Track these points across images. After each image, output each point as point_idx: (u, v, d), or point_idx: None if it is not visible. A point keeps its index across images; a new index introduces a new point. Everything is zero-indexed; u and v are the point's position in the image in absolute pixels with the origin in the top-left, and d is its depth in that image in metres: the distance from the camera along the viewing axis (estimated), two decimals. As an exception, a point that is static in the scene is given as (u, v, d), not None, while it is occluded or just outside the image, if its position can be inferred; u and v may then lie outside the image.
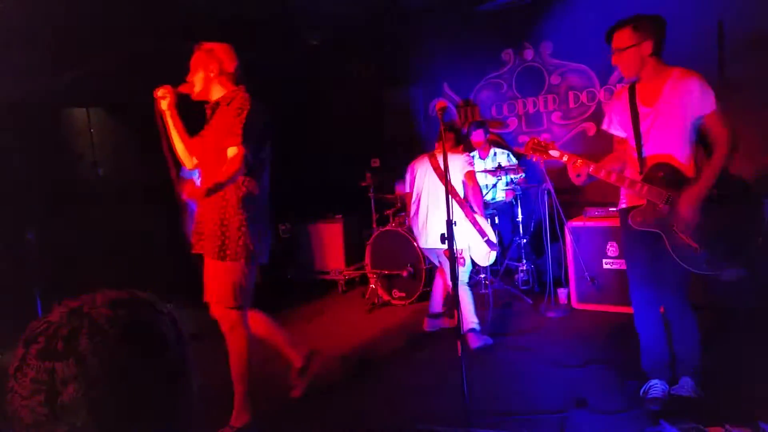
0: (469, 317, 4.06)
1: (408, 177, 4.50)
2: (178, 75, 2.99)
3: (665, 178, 2.76)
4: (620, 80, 5.72)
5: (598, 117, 5.90)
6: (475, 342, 3.97)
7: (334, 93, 7.61)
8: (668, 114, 2.78)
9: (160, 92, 2.89)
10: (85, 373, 0.72)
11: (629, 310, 4.33)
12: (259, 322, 3.15)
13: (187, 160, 3.04)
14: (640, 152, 2.87)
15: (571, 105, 6.05)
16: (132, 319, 0.79)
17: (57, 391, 0.71)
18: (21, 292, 4.65)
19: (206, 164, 2.96)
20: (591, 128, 5.96)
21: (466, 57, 6.33)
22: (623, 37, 2.84)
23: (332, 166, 7.54)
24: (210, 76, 2.92)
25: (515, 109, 6.41)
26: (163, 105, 2.90)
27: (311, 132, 7.62)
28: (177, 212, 5.48)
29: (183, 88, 2.93)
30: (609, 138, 3.21)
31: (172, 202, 4.12)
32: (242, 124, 2.76)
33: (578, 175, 2.91)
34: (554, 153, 3.00)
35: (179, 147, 2.99)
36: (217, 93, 2.94)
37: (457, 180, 4.17)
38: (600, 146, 5.82)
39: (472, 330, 4.03)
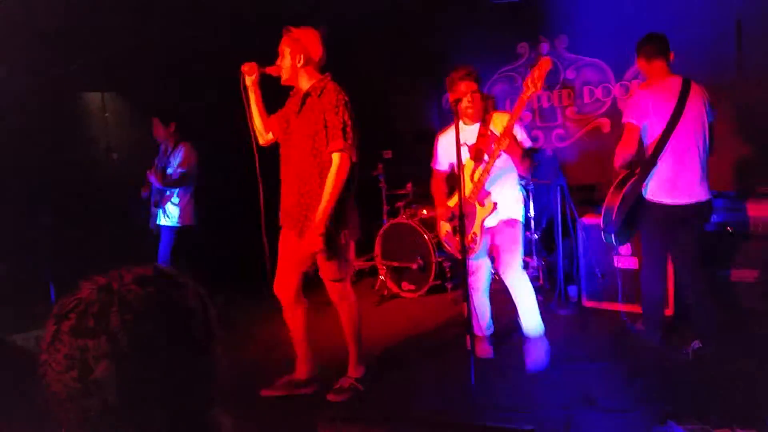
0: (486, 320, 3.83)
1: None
2: (188, 58, 3.05)
3: None
4: (636, 76, 5.66)
5: (613, 113, 5.84)
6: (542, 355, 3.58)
7: (344, 83, 7.59)
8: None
9: (246, 68, 3.03)
10: (116, 351, 0.74)
11: (638, 309, 4.37)
12: (300, 315, 3.42)
13: (261, 136, 3.24)
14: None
15: (586, 100, 5.99)
16: (160, 297, 0.81)
17: (90, 367, 0.74)
18: (35, 275, 4.71)
19: (290, 149, 3.16)
20: (606, 124, 5.90)
21: (481, 49, 6.27)
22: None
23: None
24: (297, 66, 3.05)
25: (529, 103, 6.36)
26: (248, 81, 3.08)
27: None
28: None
29: (270, 70, 3.07)
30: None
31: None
32: (342, 125, 2.97)
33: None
34: None
35: (257, 122, 3.20)
36: (304, 82, 3.10)
37: None
38: (615, 143, 5.78)
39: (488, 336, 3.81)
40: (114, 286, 0.79)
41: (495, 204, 3.35)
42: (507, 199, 3.45)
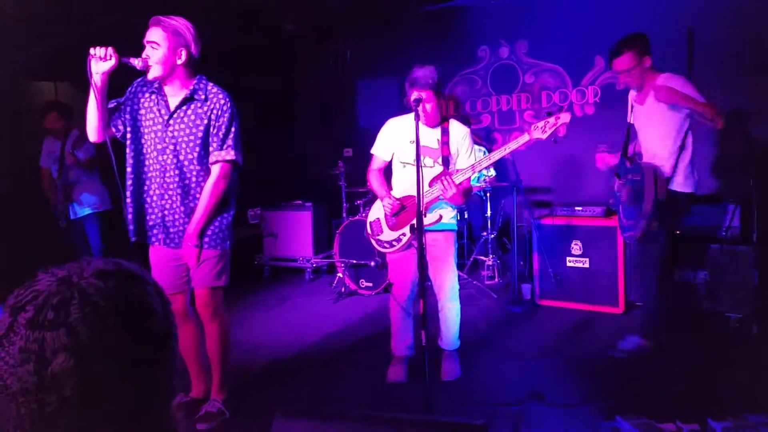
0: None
1: None
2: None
3: None
4: (592, 82, 5.82)
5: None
6: (457, 366, 3.47)
7: (308, 81, 7.58)
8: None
9: (101, 52, 2.50)
10: (75, 344, 0.73)
11: (589, 307, 4.51)
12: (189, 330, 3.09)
13: (94, 133, 2.73)
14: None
15: (544, 104, 6.13)
16: (121, 291, 0.80)
17: (47, 360, 0.72)
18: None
19: (157, 154, 2.80)
20: (561, 129, 6.03)
21: (443, 51, 6.34)
22: (626, 60, 3.42)
23: (304, 153, 7.52)
24: (176, 63, 2.67)
25: (489, 106, 6.47)
26: (103, 67, 2.53)
27: (285, 119, 7.58)
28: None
29: (136, 63, 2.60)
30: (578, 140, 3.45)
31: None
32: (231, 135, 2.76)
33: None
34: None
35: (94, 118, 2.68)
36: (182, 82, 2.73)
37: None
38: (569, 147, 5.94)
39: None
40: (74, 279, 0.78)
41: (440, 217, 3.28)
42: (444, 210, 3.33)
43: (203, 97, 2.75)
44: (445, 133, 3.32)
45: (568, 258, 4.65)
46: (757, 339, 3.72)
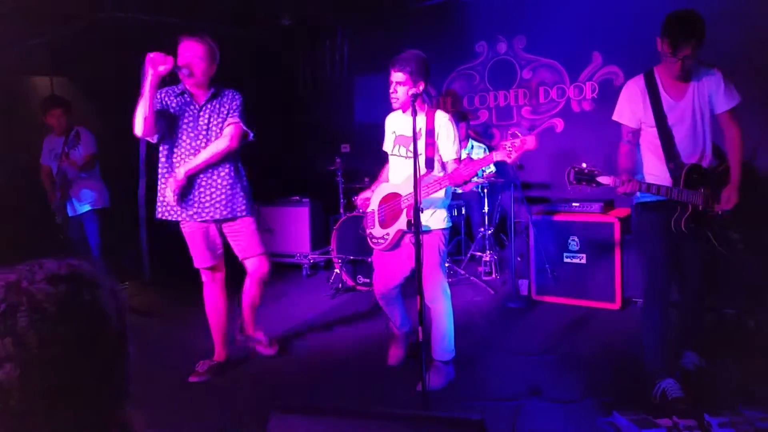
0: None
1: None
2: (139, 45, 2.95)
3: (698, 177, 2.86)
4: (590, 78, 5.82)
5: (566, 113, 6.00)
6: (441, 379, 3.26)
7: (305, 77, 7.56)
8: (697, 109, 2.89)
9: (159, 58, 2.98)
10: (22, 353, 0.70)
11: (586, 303, 4.52)
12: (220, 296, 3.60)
13: (142, 128, 3.12)
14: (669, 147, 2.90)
15: (541, 100, 6.13)
16: (73, 297, 0.76)
17: None
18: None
19: (197, 146, 3.31)
20: (559, 124, 6.05)
21: (440, 46, 6.33)
22: (696, 45, 2.73)
23: (302, 149, 7.50)
24: (210, 73, 3.30)
25: (486, 102, 6.46)
26: (156, 70, 2.99)
27: (283, 115, 7.56)
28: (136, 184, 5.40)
29: (184, 71, 3.15)
30: (575, 136, 3.30)
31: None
32: (239, 110, 3.36)
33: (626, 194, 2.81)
34: (604, 180, 2.71)
35: (145, 115, 3.08)
36: (207, 85, 3.33)
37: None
38: (566, 143, 5.94)
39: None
40: (24, 284, 0.74)
41: (416, 210, 2.82)
42: (434, 210, 3.19)
43: (220, 93, 3.37)
44: (426, 123, 3.16)
45: (565, 254, 4.66)
46: (754, 334, 3.73)
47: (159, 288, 5.75)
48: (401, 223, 3.19)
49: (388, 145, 3.41)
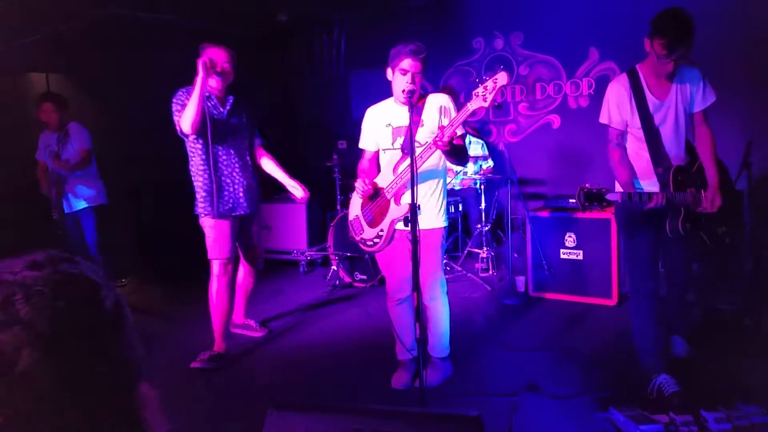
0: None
1: None
2: (135, 43, 2.94)
3: (683, 178, 2.83)
4: (587, 74, 5.82)
5: (563, 110, 6.00)
6: (439, 375, 3.29)
7: (302, 73, 7.54)
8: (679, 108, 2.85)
9: (209, 63, 3.38)
10: (35, 336, 0.69)
11: (583, 299, 4.53)
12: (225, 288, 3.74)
13: (190, 126, 3.38)
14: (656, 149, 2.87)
15: (538, 96, 6.13)
16: (59, 275, 0.76)
17: (11, 361, 0.68)
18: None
19: (227, 146, 3.66)
20: (556, 120, 6.05)
21: (437, 42, 6.32)
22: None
23: (299, 146, 7.49)
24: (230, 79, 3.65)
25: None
26: (205, 73, 3.34)
27: (279, 112, 7.54)
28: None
29: (219, 74, 3.51)
30: (572, 132, 3.27)
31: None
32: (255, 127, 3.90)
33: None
34: (613, 197, 2.66)
35: (196, 110, 3.34)
36: (227, 90, 3.68)
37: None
38: (563, 139, 5.95)
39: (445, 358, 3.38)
40: (7, 277, 0.74)
41: (413, 207, 2.68)
42: (431, 206, 3.14)
43: (234, 98, 3.70)
44: (419, 112, 3.11)
45: (561, 250, 4.66)
46: (751, 331, 3.74)
47: (157, 285, 5.75)
48: (393, 213, 3.09)
49: (381, 140, 3.25)
